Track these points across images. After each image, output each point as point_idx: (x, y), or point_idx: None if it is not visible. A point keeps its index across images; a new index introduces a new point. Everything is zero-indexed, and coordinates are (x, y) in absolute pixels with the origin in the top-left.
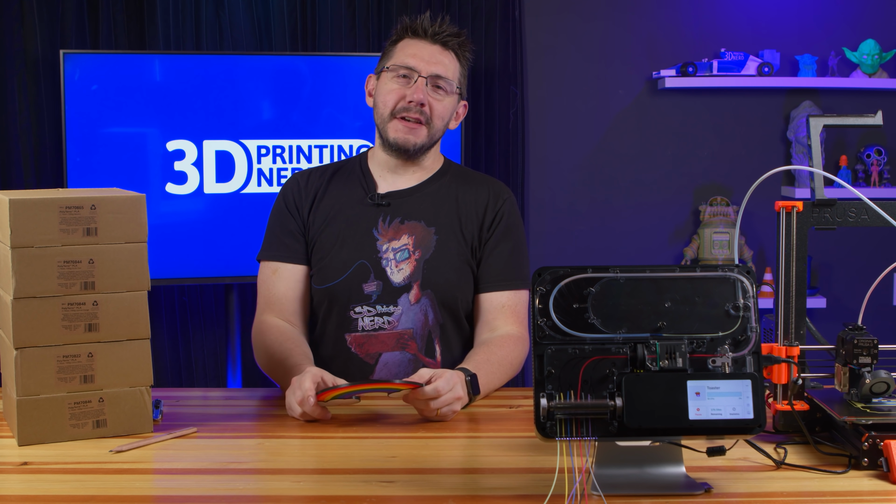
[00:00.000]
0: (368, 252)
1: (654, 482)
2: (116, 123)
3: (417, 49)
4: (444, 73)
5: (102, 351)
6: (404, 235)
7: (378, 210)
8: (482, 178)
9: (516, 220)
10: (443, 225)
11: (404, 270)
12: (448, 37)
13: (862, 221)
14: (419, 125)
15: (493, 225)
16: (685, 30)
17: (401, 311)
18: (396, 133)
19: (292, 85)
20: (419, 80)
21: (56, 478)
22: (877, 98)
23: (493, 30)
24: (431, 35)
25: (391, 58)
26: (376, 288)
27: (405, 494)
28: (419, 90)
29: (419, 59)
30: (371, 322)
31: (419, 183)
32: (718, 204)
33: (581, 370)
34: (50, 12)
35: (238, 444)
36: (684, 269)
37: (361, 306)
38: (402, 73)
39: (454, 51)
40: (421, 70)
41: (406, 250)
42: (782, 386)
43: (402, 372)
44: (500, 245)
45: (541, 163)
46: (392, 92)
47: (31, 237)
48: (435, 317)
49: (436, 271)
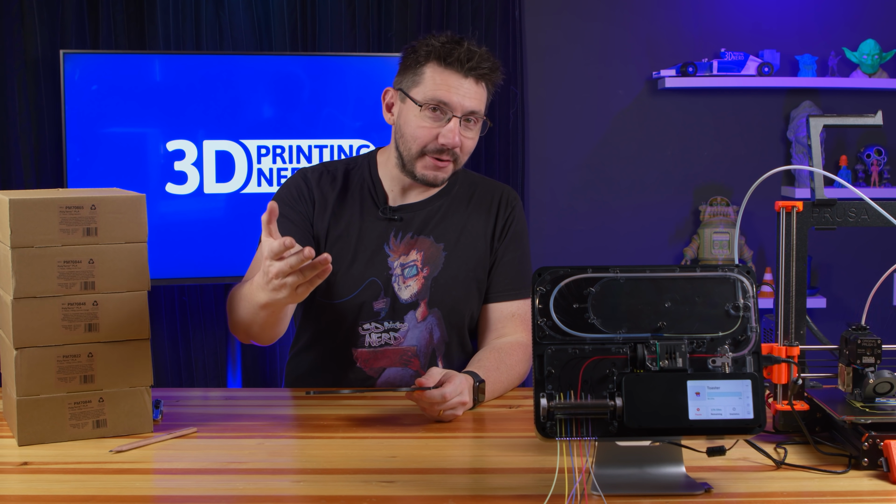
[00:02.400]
0: (379, 269)
1: (654, 482)
2: (116, 123)
3: (451, 82)
4: (478, 107)
5: (102, 351)
6: (413, 251)
7: (390, 224)
8: (490, 185)
9: (523, 227)
10: (452, 240)
11: (412, 287)
12: (485, 70)
13: (862, 221)
14: (448, 163)
15: (504, 234)
16: (685, 30)
17: (407, 328)
18: (425, 170)
19: (292, 85)
20: (452, 120)
21: (56, 478)
22: (877, 98)
23: (493, 30)
24: (468, 70)
25: (420, 85)
26: (385, 305)
27: (405, 494)
28: (454, 133)
29: (453, 95)
30: (378, 338)
31: (430, 197)
32: (718, 204)
33: (581, 370)
34: (50, 12)
35: (238, 444)
36: (684, 269)
37: (370, 323)
38: (433, 107)
39: (486, 82)
40: (455, 109)
41: (414, 266)
42: (782, 386)
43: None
44: (510, 254)
45: (541, 163)
46: (423, 129)
47: (31, 237)
48: (441, 335)
49: (443, 289)
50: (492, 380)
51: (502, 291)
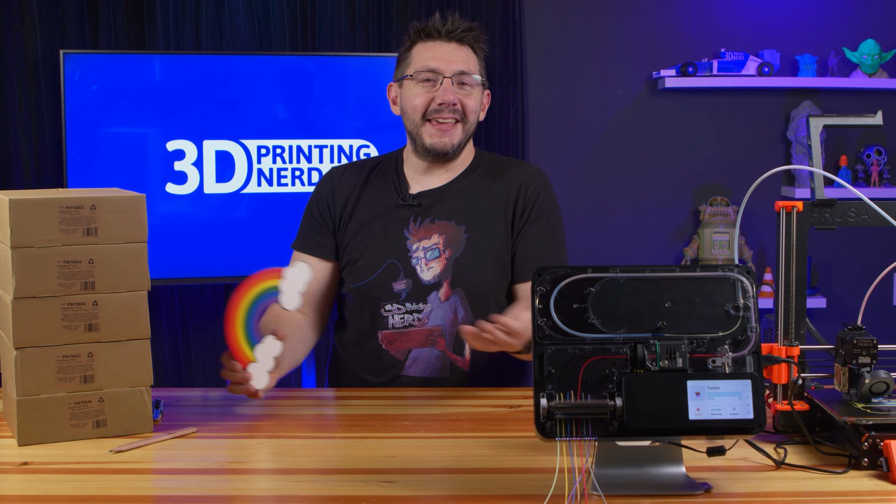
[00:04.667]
0: (399, 251)
1: (654, 482)
2: (116, 123)
3: (435, 50)
4: (467, 68)
5: (102, 351)
6: (435, 234)
7: (409, 210)
8: (514, 165)
9: (552, 206)
10: (473, 223)
11: (434, 269)
12: (463, 32)
13: (862, 221)
14: (454, 125)
15: (526, 213)
16: (685, 30)
17: (430, 309)
18: (432, 138)
19: (292, 85)
20: (444, 81)
21: (56, 478)
22: (877, 98)
23: (493, 30)
24: (446, 34)
25: (410, 64)
26: (406, 286)
27: (405, 494)
28: (448, 91)
29: (440, 60)
30: (402, 319)
31: (450, 181)
32: (718, 204)
33: (581, 370)
34: (50, 12)
35: (238, 444)
36: (684, 269)
37: (392, 304)
38: (425, 77)
39: (470, 45)
40: (444, 71)
41: (437, 249)
42: (782, 386)
43: (431, 368)
44: (536, 232)
45: (541, 163)
46: (419, 97)
47: (31, 237)
48: (465, 315)
49: (466, 269)
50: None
51: (529, 271)
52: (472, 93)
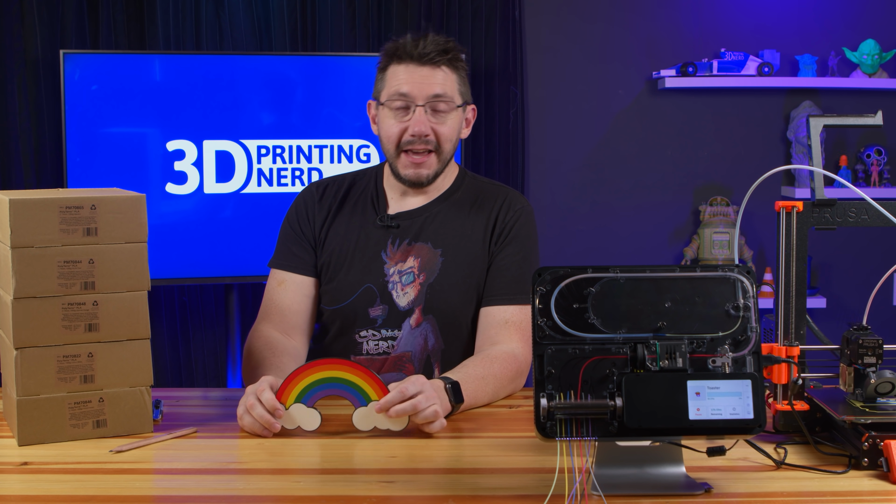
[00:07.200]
0: (375, 275)
1: (654, 482)
2: (116, 123)
3: (407, 74)
4: (442, 90)
5: (102, 351)
6: (410, 258)
7: (387, 232)
8: (496, 190)
9: (527, 232)
10: (450, 246)
11: (409, 294)
12: (436, 55)
13: (862, 221)
14: (427, 155)
15: (502, 237)
16: (685, 30)
17: (402, 335)
18: (406, 169)
19: (292, 85)
20: (417, 109)
21: (56, 478)
22: (877, 98)
23: (493, 30)
24: (417, 57)
25: (385, 87)
26: (382, 312)
27: (405, 494)
28: (420, 122)
29: (411, 85)
30: (376, 346)
31: (428, 202)
32: (718, 204)
33: (581, 370)
34: (50, 12)
35: (238, 444)
36: (684, 269)
37: (367, 330)
38: (398, 104)
39: (445, 65)
40: (416, 97)
41: (412, 273)
42: (782, 386)
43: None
44: (508, 257)
45: (541, 163)
46: (393, 127)
47: (31, 237)
48: (436, 342)
49: (438, 296)
50: (473, 388)
51: (495, 295)
52: (447, 119)
